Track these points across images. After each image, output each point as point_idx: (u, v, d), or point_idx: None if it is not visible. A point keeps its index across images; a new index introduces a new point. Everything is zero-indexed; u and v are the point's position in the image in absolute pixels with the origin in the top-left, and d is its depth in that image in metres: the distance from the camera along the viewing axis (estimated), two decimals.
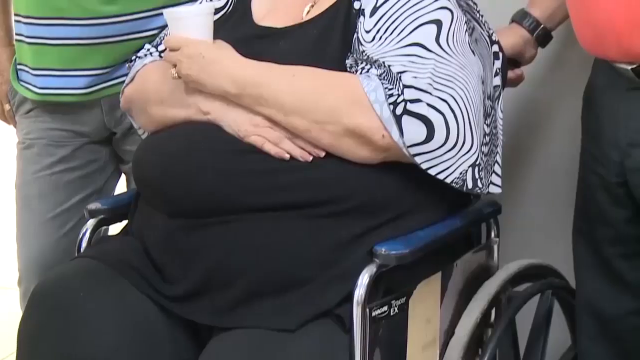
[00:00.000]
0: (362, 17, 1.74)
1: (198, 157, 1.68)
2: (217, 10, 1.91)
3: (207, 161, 1.67)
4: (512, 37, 2.02)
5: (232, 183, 1.65)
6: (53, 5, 2.11)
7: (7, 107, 2.38)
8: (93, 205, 1.93)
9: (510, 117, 2.16)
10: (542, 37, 2.04)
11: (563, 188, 2.20)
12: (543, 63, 2.18)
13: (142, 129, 1.97)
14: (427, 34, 1.67)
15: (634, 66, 1.72)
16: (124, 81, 2.01)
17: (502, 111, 1.82)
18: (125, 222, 1.93)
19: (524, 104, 2.29)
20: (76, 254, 1.88)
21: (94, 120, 2.26)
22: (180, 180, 1.68)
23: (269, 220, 1.65)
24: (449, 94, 1.62)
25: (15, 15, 2.22)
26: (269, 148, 1.66)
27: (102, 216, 1.92)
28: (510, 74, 2.01)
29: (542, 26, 2.03)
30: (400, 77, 1.61)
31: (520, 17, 2.05)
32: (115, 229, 2.02)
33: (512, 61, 2.01)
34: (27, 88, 2.25)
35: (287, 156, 1.66)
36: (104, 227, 1.99)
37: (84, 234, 1.90)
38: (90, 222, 1.91)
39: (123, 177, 2.43)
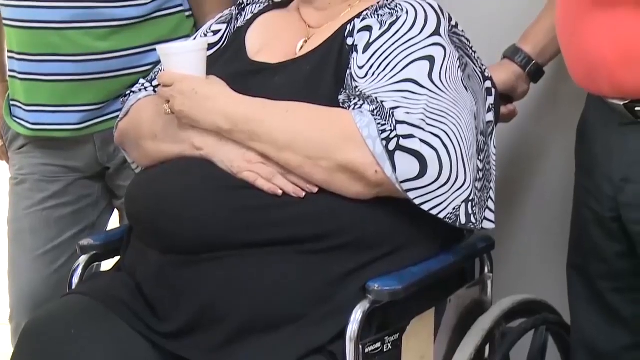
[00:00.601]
0: (355, 53, 1.74)
1: (191, 194, 1.68)
2: (211, 46, 1.92)
3: (200, 198, 1.67)
4: (505, 73, 2.02)
5: (225, 219, 1.64)
6: (46, 42, 2.12)
7: None
8: (85, 242, 1.93)
9: (504, 152, 2.17)
10: (534, 72, 2.05)
11: (557, 223, 2.20)
12: (536, 98, 2.18)
13: (136, 164, 1.97)
14: (419, 70, 1.67)
15: (626, 101, 1.73)
16: (117, 117, 2.02)
17: (495, 146, 1.82)
18: (117, 257, 1.92)
19: (517, 139, 2.29)
20: (67, 290, 1.87)
21: (87, 155, 2.26)
22: (173, 217, 1.67)
23: (262, 256, 1.65)
24: (442, 130, 1.62)
25: (9, 52, 2.22)
26: (262, 184, 1.66)
27: (94, 252, 1.92)
28: (503, 109, 2.01)
29: (533, 62, 2.04)
30: (393, 112, 1.62)
31: (511, 53, 2.05)
32: (107, 264, 2.01)
33: (504, 97, 2.02)
34: (19, 124, 2.25)
35: (280, 192, 1.66)
36: (96, 263, 1.97)
37: (76, 270, 1.89)
38: (82, 258, 1.90)
39: (116, 212, 2.42)
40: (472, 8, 2.20)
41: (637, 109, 1.72)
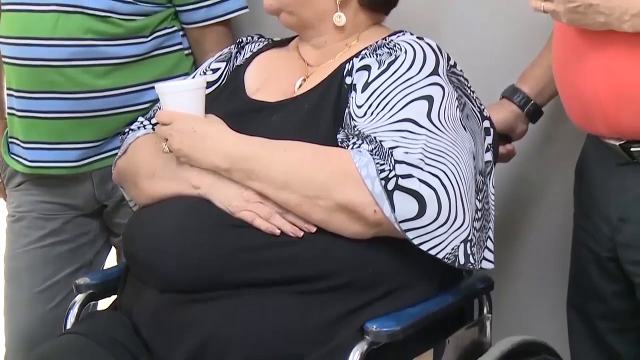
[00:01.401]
0: (353, 92, 1.75)
1: (188, 233, 1.67)
2: (210, 84, 1.93)
3: (198, 237, 1.66)
4: (503, 113, 2.03)
5: (222, 259, 1.64)
6: (45, 80, 2.12)
7: None
8: (81, 281, 1.92)
9: (503, 192, 2.16)
10: (533, 112, 2.05)
11: (556, 262, 2.19)
12: (534, 138, 2.18)
13: (133, 202, 1.97)
14: (418, 110, 1.67)
15: (622, 142, 1.73)
16: (115, 154, 2.02)
17: (493, 186, 1.82)
18: (114, 296, 1.91)
19: (516, 179, 2.28)
20: (63, 330, 1.86)
21: (85, 192, 2.26)
22: (170, 256, 1.66)
23: (260, 296, 1.64)
24: (441, 170, 1.62)
25: (8, 89, 2.23)
26: (260, 223, 1.66)
27: (90, 291, 1.90)
28: (502, 149, 2.01)
29: (532, 102, 2.04)
30: (391, 152, 1.61)
31: (510, 93, 2.06)
32: (104, 303, 2.00)
33: (503, 136, 2.02)
34: (17, 161, 2.24)
35: (278, 232, 1.65)
36: (93, 302, 1.97)
37: (71, 309, 1.88)
38: (79, 297, 1.89)
39: (113, 249, 2.42)
40: (471, 47, 2.20)
41: (633, 149, 1.73)
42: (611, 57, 1.66)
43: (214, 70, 1.98)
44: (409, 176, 1.60)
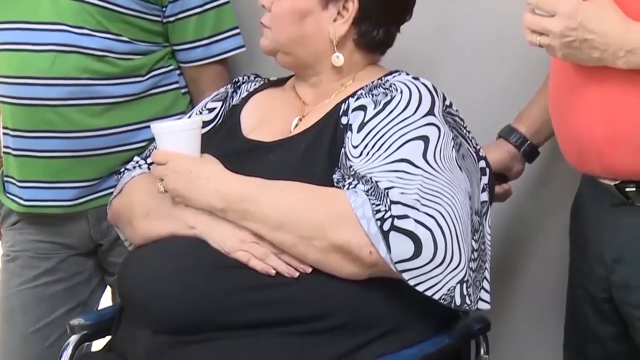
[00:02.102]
0: (349, 132, 1.75)
1: (183, 274, 1.67)
2: (206, 123, 1.93)
3: (192, 278, 1.66)
4: (499, 153, 2.03)
5: (217, 300, 1.63)
6: (41, 119, 2.12)
7: None
8: (75, 321, 1.91)
9: (499, 232, 2.16)
10: (529, 152, 2.06)
11: (553, 303, 2.18)
12: (530, 178, 2.18)
13: (128, 242, 1.96)
14: (414, 150, 1.67)
15: (617, 182, 1.73)
16: (110, 193, 2.02)
17: (490, 226, 1.82)
18: (108, 337, 1.90)
19: (512, 218, 2.28)
20: None
21: (80, 232, 2.26)
22: (165, 298, 1.65)
23: (255, 338, 1.63)
24: (437, 210, 1.61)
25: (3, 128, 2.23)
26: (255, 264, 1.65)
27: (84, 332, 1.89)
28: (498, 188, 2.00)
29: (528, 142, 2.04)
30: (387, 193, 1.61)
31: (506, 133, 2.06)
32: (98, 343, 1.99)
33: (499, 176, 2.01)
34: (13, 200, 2.24)
35: (273, 272, 1.65)
36: (87, 343, 1.95)
37: (65, 350, 1.87)
38: (73, 338, 1.89)
39: (108, 289, 2.41)
40: (467, 87, 2.21)
41: (627, 189, 1.72)
42: (605, 94, 1.66)
43: (210, 110, 1.98)
44: (405, 217, 1.59)
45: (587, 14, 1.59)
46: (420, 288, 1.61)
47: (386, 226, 1.59)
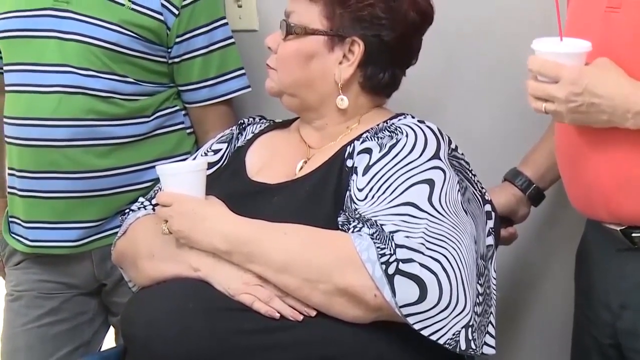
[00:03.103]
0: (354, 175, 1.74)
1: (188, 317, 1.66)
2: (211, 165, 1.93)
3: (197, 321, 1.65)
4: (505, 196, 2.03)
5: (221, 343, 1.62)
6: (47, 159, 2.13)
7: None
8: None
9: (504, 276, 2.15)
10: (535, 196, 2.05)
11: (558, 347, 2.17)
12: (536, 221, 2.18)
13: (133, 283, 1.95)
14: (419, 194, 1.67)
15: (623, 227, 1.72)
16: (115, 233, 2.01)
17: (495, 270, 1.81)
18: None
19: (518, 262, 2.28)
20: None
21: (84, 272, 2.26)
22: (168, 341, 1.64)
23: None
24: (442, 254, 1.61)
25: (9, 169, 2.24)
26: (259, 307, 1.64)
27: None
28: (504, 232, 2.00)
29: (534, 185, 2.04)
30: (392, 236, 1.61)
31: (512, 176, 2.06)
32: None
33: (505, 219, 2.01)
34: (18, 240, 2.24)
35: (278, 315, 1.64)
36: None
37: None
38: None
39: (112, 329, 2.40)
40: (472, 130, 2.21)
41: (634, 235, 1.72)
42: (614, 148, 1.66)
43: (216, 151, 1.98)
44: (410, 260, 1.59)
45: (591, 78, 1.59)
46: (425, 332, 1.60)
47: (391, 270, 1.58)
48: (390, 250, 1.60)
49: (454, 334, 1.61)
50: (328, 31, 1.83)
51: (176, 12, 2.18)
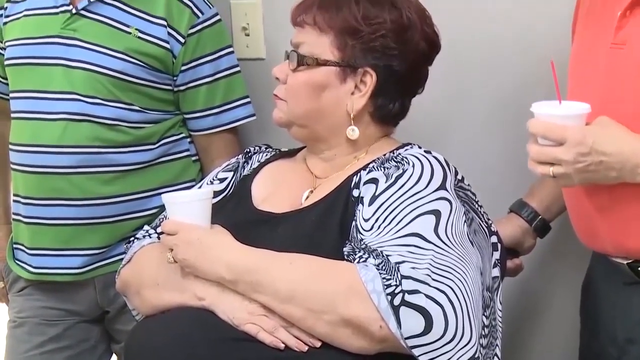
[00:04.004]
0: (360, 205, 1.74)
1: (192, 347, 1.65)
2: (217, 193, 1.93)
3: (201, 351, 1.64)
4: (511, 227, 2.02)
5: None
6: (52, 186, 2.13)
7: (0, 284, 2.37)
8: None
9: (510, 307, 2.14)
10: (541, 227, 2.05)
11: None
12: (542, 253, 2.17)
13: (137, 311, 1.95)
14: (425, 225, 1.66)
15: (630, 261, 1.71)
16: (119, 260, 2.01)
17: (501, 302, 1.80)
18: None
19: (524, 293, 2.27)
20: None
21: (87, 298, 2.25)
22: None
23: None
24: (448, 286, 1.60)
25: (14, 195, 2.24)
26: (264, 337, 1.64)
27: None
28: (509, 263, 2.00)
29: (540, 217, 2.04)
30: (398, 267, 1.60)
31: (518, 207, 2.06)
32: None
33: (511, 250, 2.01)
34: (22, 267, 2.24)
35: (282, 346, 1.63)
36: None
37: None
38: None
39: (114, 357, 2.39)
40: (478, 160, 2.21)
41: None
42: (621, 191, 1.65)
43: (221, 180, 1.98)
44: (416, 292, 1.58)
45: (596, 137, 1.58)
46: None
47: (397, 301, 1.58)
48: (396, 281, 1.59)
49: None
50: (340, 62, 1.83)
51: (182, 40, 2.18)
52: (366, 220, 1.71)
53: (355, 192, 1.77)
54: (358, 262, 1.65)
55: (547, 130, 1.61)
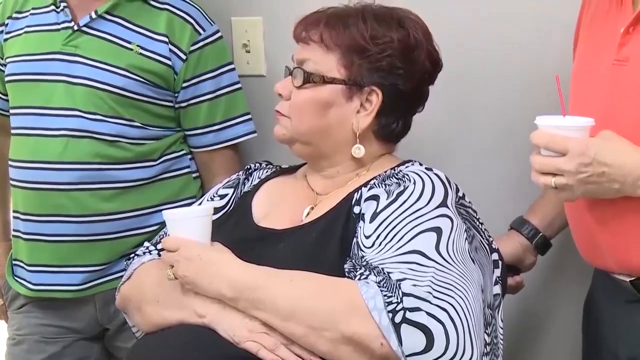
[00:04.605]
0: (361, 222, 1.74)
1: None
2: (217, 210, 1.93)
3: None
4: (511, 245, 2.02)
5: None
6: (52, 203, 2.13)
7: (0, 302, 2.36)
8: None
9: (511, 325, 2.14)
10: (541, 245, 2.04)
11: None
12: (543, 270, 2.17)
13: (137, 328, 1.94)
14: (427, 242, 1.66)
15: (632, 278, 1.71)
16: (119, 277, 2.01)
17: (502, 320, 1.80)
18: None
19: (524, 311, 2.26)
20: None
21: (87, 316, 2.24)
22: None
23: None
24: (449, 303, 1.59)
25: (14, 212, 2.23)
26: (265, 355, 1.63)
27: None
28: (510, 281, 1.99)
29: (541, 234, 2.03)
30: (399, 284, 1.60)
31: (518, 225, 2.05)
32: None
33: (511, 268, 2.00)
34: (21, 284, 2.24)
35: None
36: None
37: None
38: None
39: None
40: (479, 177, 2.21)
41: None
42: (623, 205, 1.65)
43: (222, 197, 1.98)
44: (417, 309, 1.58)
45: (598, 148, 1.59)
46: None
47: (398, 318, 1.57)
48: (397, 299, 1.58)
49: None
50: (346, 80, 1.83)
51: (184, 57, 2.18)
52: (367, 237, 1.71)
53: (356, 209, 1.77)
54: (359, 279, 1.65)
55: (550, 141, 1.61)
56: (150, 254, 1.95)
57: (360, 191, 1.80)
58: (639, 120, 1.62)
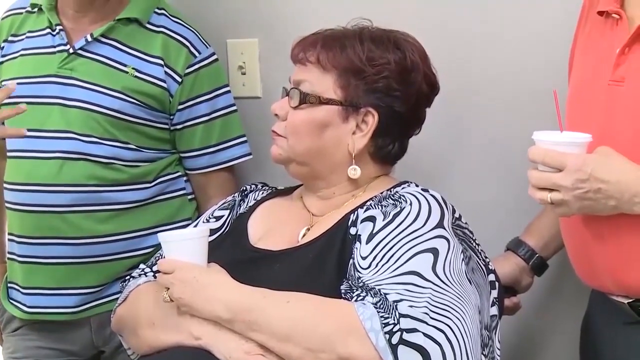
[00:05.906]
0: (358, 243, 1.73)
1: None
2: (213, 231, 1.92)
3: None
4: (508, 266, 2.01)
5: None
6: (47, 225, 2.12)
7: None
8: None
9: (508, 346, 2.13)
10: (538, 266, 2.04)
11: None
12: (540, 291, 2.16)
13: (132, 350, 1.93)
14: (423, 263, 1.66)
15: (630, 300, 1.70)
16: (114, 299, 2.00)
17: (499, 341, 1.79)
18: None
19: (521, 332, 2.26)
20: None
21: (82, 338, 2.24)
22: None
23: None
24: (446, 324, 1.59)
25: (9, 234, 2.23)
26: None
27: None
28: (507, 302, 1.99)
29: (537, 255, 2.03)
30: (396, 305, 1.59)
31: (515, 246, 2.05)
32: None
33: (508, 289, 2.00)
34: (16, 307, 2.23)
35: None
36: None
37: None
38: None
39: None
40: (476, 198, 2.21)
41: None
42: (620, 221, 1.65)
43: (217, 218, 1.98)
44: (414, 330, 1.57)
45: (595, 164, 1.59)
46: None
47: (395, 340, 1.57)
48: (394, 320, 1.58)
49: None
50: (343, 101, 1.83)
51: (179, 79, 2.19)
52: (364, 258, 1.70)
53: (353, 230, 1.77)
54: (356, 300, 1.65)
55: (547, 157, 1.62)
56: (146, 276, 1.94)
57: (356, 212, 1.80)
58: (635, 139, 1.63)
